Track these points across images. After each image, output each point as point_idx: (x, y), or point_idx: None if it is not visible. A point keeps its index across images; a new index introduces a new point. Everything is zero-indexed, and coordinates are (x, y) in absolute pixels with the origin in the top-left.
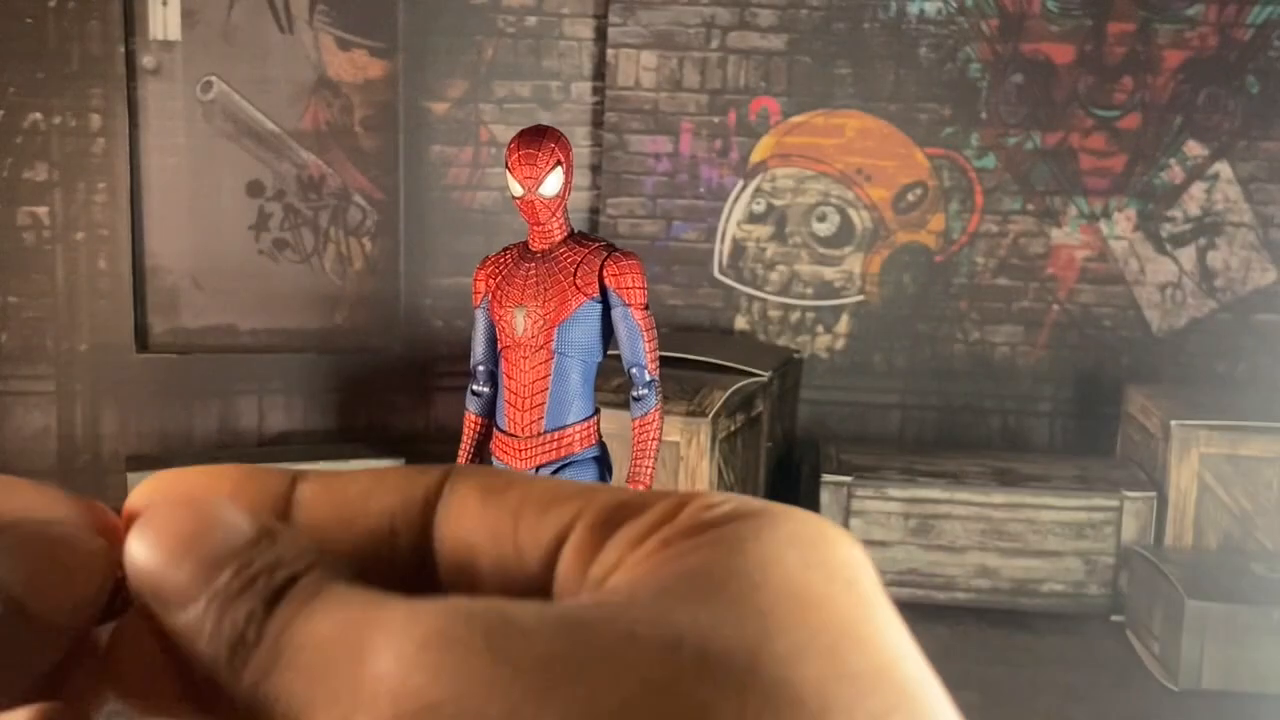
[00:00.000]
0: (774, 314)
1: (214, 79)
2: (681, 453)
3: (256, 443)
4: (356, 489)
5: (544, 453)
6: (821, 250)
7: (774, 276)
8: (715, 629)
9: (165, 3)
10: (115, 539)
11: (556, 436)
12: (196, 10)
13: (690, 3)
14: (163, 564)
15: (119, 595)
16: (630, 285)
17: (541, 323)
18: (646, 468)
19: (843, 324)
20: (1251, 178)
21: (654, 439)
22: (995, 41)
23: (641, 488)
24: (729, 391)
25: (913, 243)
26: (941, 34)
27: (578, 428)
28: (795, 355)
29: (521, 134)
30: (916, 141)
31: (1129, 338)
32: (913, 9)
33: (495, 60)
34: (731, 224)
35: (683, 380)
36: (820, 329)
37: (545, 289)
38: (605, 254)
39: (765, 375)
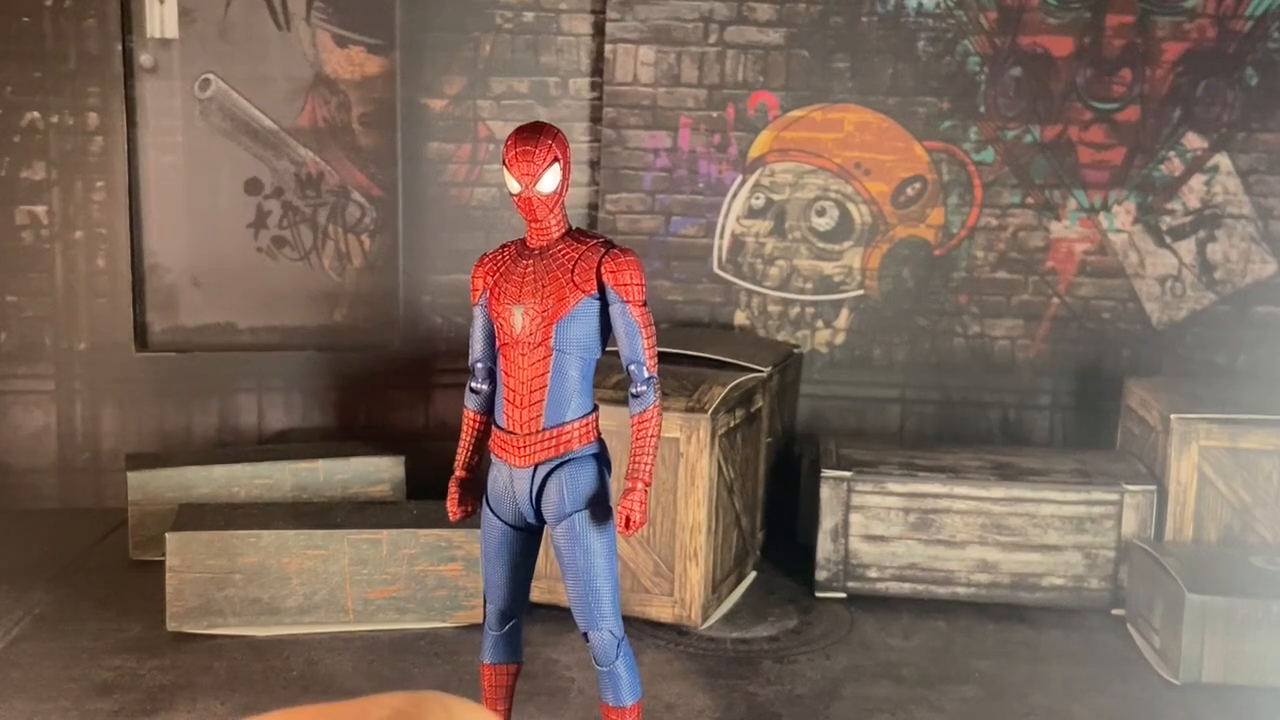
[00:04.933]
0: (773, 309)
1: (211, 77)
2: (681, 449)
3: (256, 440)
4: None
5: (543, 450)
6: (821, 245)
7: (773, 271)
8: None
9: (162, 1)
10: None
11: (555, 433)
12: (194, 8)
13: None
14: None
15: None
16: (628, 282)
17: (540, 320)
18: (645, 464)
19: (842, 318)
20: (1251, 170)
21: (653, 435)
22: (993, 34)
23: (640, 484)
24: (728, 387)
25: (912, 237)
26: (939, 27)
27: (576, 425)
28: (795, 350)
29: (518, 131)
30: (915, 135)
31: (1129, 331)
32: (910, 2)
33: (493, 56)
34: (730, 219)
35: (682, 376)
36: (820, 324)
37: (543, 286)
38: (603, 251)
39: (765, 370)
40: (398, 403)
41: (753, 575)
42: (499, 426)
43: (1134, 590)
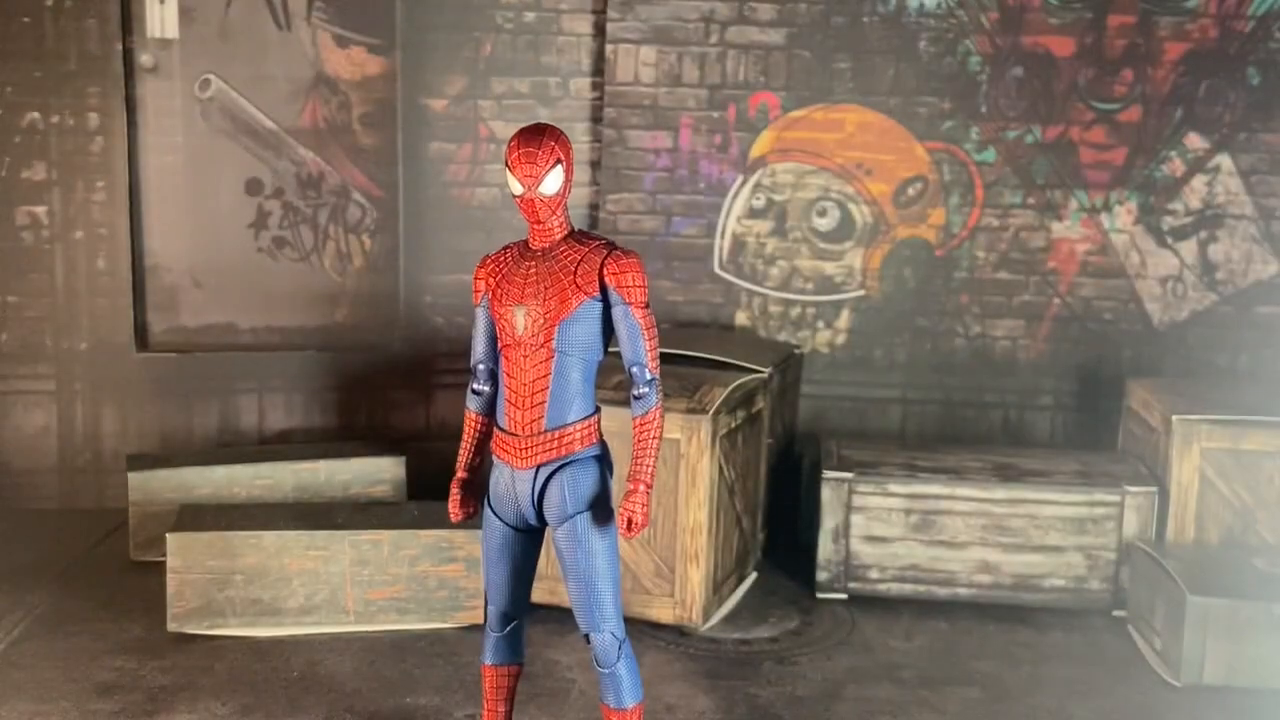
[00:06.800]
0: (774, 309)
1: (212, 77)
2: (682, 450)
3: (257, 441)
4: None
5: (544, 451)
6: (822, 245)
7: (774, 272)
8: None
9: (163, 1)
10: None
11: (557, 435)
12: (194, 8)
13: None
14: None
15: None
16: (630, 284)
17: (542, 321)
18: (647, 466)
19: (843, 319)
20: (1252, 170)
21: (655, 437)
22: (995, 34)
23: (642, 486)
24: (730, 388)
25: (913, 237)
26: (941, 27)
27: (578, 426)
28: (796, 351)
29: (521, 132)
30: (916, 135)
31: (1130, 331)
32: (912, 2)
33: (494, 56)
34: (731, 219)
35: (683, 377)
36: (821, 324)
37: (546, 288)
38: (605, 252)
39: (766, 371)
40: (398, 403)
41: (754, 576)
42: (500, 428)
43: (1135, 592)
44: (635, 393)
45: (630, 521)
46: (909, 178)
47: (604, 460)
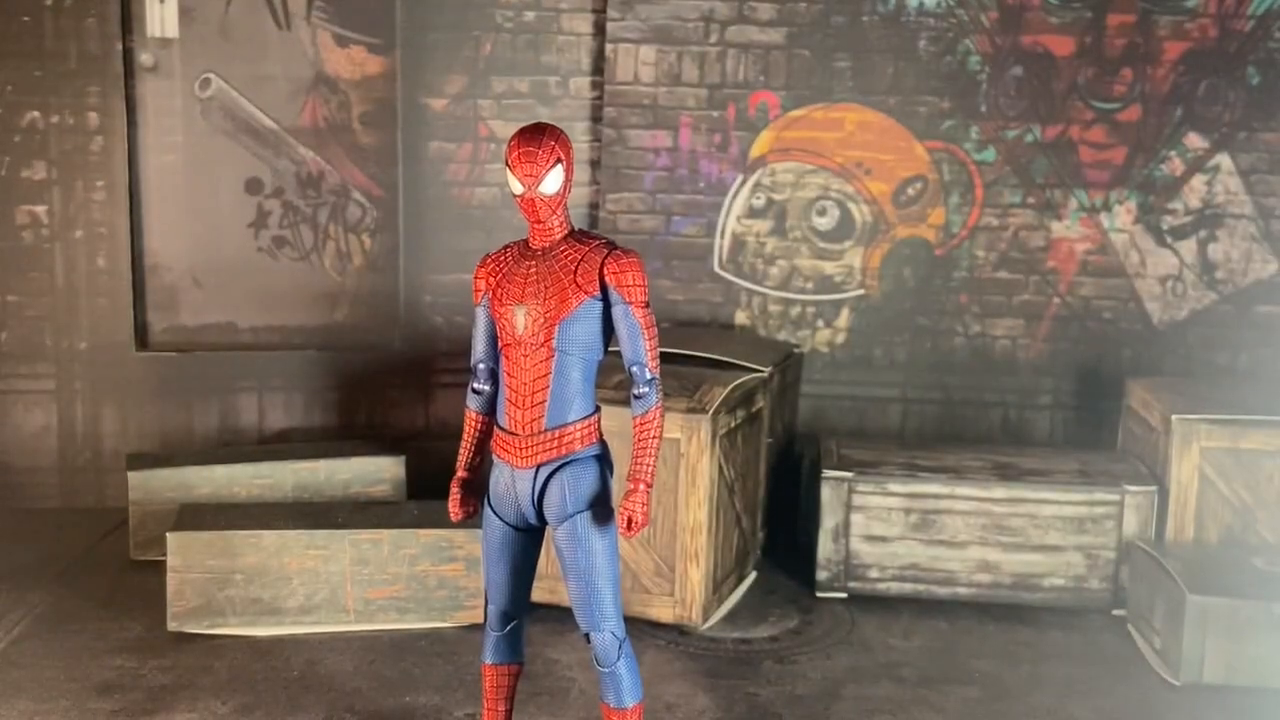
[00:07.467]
0: (774, 309)
1: (212, 76)
2: (682, 449)
3: (257, 440)
4: None
5: (544, 451)
6: (821, 244)
7: (774, 271)
8: None
9: (163, 0)
10: None
11: (557, 434)
12: (194, 7)
13: None
14: None
15: None
16: (630, 284)
17: (542, 320)
18: (647, 465)
19: (843, 318)
20: (1252, 169)
21: (655, 437)
22: (994, 34)
23: (642, 485)
24: (729, 387)
25: (913, 236)
26: (940, 27)
27: (578, 426)
28: (795, 350)
29: (522, 131)
30: (916, 135)
31: (1130, 330)
32: (911, 2)
33: (494, 56)
34: (731, 218)
35: (683, 376)
36: (820, 323)
37: (546, 287)
38: (606, 252)
39: (766, 371)
40: (398, 402)
41: (753, 575)
42: (501, 427)
43: (1135, 591)
44: (635, 392)
45: (630, 521)
46: (909, 177)
47: (604, 459)
